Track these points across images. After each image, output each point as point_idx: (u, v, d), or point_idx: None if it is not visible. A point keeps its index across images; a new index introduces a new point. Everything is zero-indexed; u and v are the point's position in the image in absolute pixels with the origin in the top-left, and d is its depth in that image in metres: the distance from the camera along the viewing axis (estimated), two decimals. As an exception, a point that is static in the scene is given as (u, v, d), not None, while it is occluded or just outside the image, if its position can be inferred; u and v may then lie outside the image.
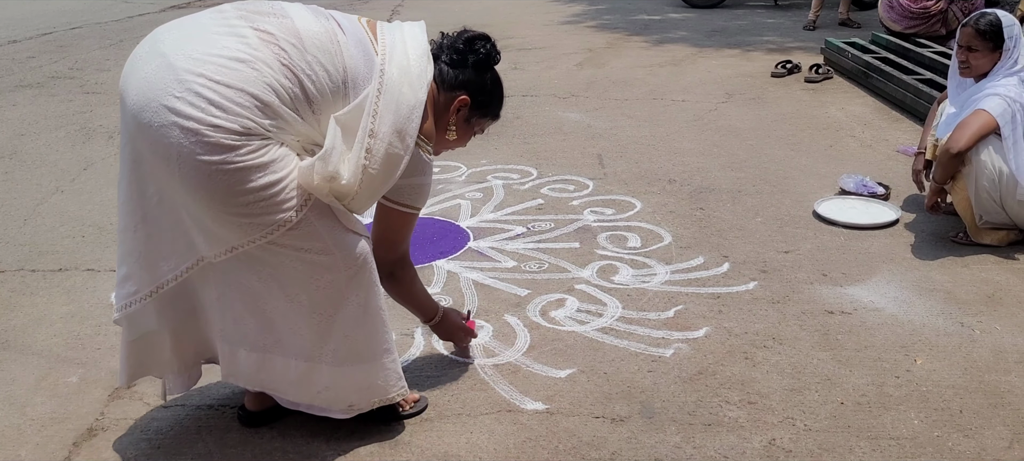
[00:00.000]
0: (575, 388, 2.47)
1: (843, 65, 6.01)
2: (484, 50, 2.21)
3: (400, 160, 2.01)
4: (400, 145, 2.00)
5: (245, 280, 2.03)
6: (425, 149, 2.12)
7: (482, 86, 2.22)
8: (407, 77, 2.02)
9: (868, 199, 3.74)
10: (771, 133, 4.79)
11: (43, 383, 2.56)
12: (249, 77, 1.85)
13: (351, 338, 2.12)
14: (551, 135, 4.86)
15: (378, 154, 1.97)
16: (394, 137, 1.98)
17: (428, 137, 2.13)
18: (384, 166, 1.99)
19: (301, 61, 1.91)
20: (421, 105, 2.03)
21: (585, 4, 9.76)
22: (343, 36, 1.99)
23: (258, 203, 1.89)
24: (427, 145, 2.13)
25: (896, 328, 2.75)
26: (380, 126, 1.97)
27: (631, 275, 3.15)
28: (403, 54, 2.05)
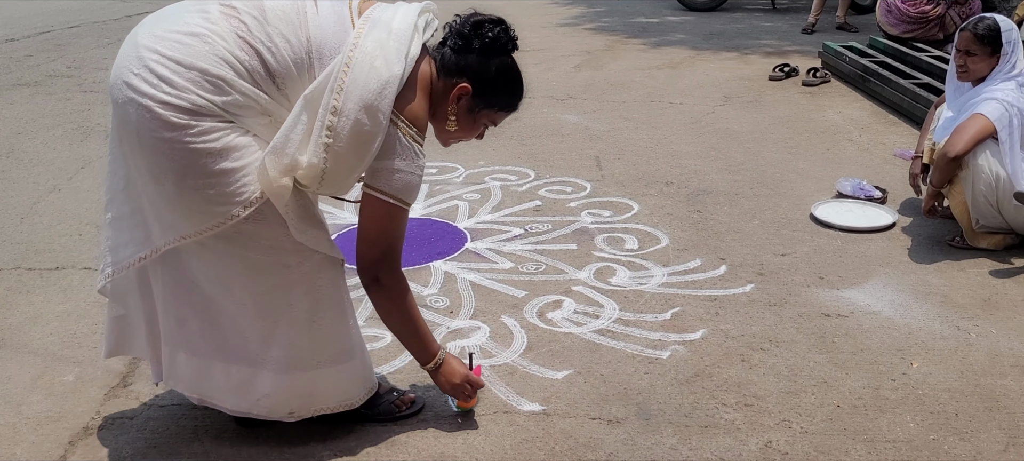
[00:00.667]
0: (572, 389, 2.47)
1: (841, 69, 6.02)
2: (492, 35, 2.04)
3: (371, 137, 1.89)
4: (369, 122, 1.88)
5: (192, 276, 2.02)
6: (407, 132, 1.96)
7: (486, 74, 2.05)
8: (383, 51, 1.91)
9: (865, 202, 3.75)
10: (768, 136, 4.79)
11: (39, 381, 2.56)
12: (200, 51, 1.84)
13: (296, 346, 2.06)
14: (549, 137, 4.86)
15: (343, 131, 1.88)
16: (362, 113, 1.87)
17: (412, 121, 1.97)
18: (352, 143, 1.89)
19: (260, 33, 1.88)
20: (396, 80, 1.90)
21: (583, 6, 9.77)
22: (313, 8, 1.94)
23: (209, 189, 1.87)
24: (409, 128, 1.96)
25: (892, 331, 2.75)
26: (346, 102, 1.87)
27: (628, 277, 3.15)
28: (385, 28, 1.94)
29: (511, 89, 2.12)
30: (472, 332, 2.78)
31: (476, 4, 2.28)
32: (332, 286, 2.09)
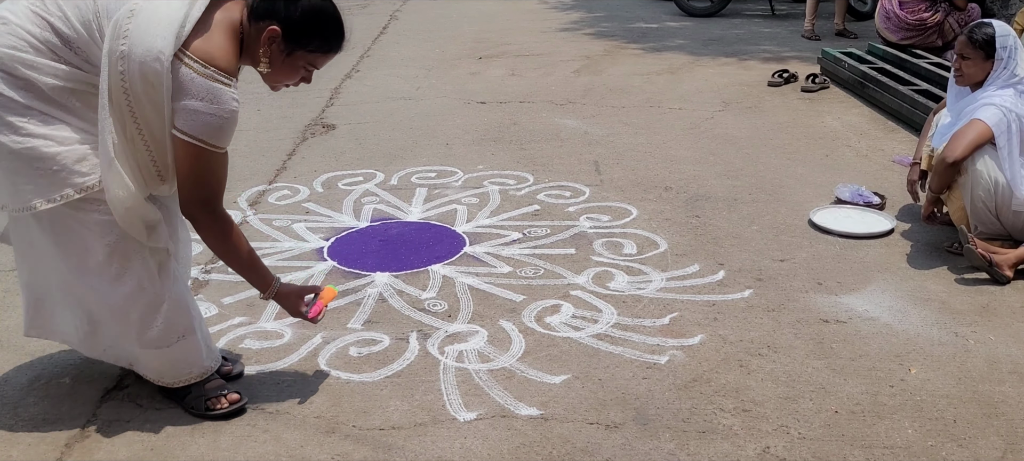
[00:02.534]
0: (570, 394, 2.46)
1: (839, 75, 6.02)
2: None
3: (157, 77, 1.99)
4: (154, 63, 1.98)
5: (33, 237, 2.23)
6: (201, 71, 2.02)
7: (292, 16, 2.10)
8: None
9: (863, 209, 3.75)
10: (767, 142, 4.80)
11: (36, 384, 2.55)
12: (2, 35, 2.02)
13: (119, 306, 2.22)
14: (548, 141, 4.86)
15: (133, 75, 1.99)
16: (146, 55, 1.98)
17: (206, 60, 2.03)
18: (143, 86, 2.00)
19: (53, 4, 2.05)
20: (177, 22, 1.99)
21: (582, 11, 9.78)
22: None
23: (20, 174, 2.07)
24: (204, 67, 2.02)
25: (891, 337, 2.75)
26: (132, 47, 1.98)
27: (626, 282, 3.15)
28: None
29: (323, 30, 2.16)
30: (470, 336, 2.78)
31: (484, 9, 2.29)
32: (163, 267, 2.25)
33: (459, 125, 5.21)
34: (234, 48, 2.10)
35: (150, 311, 2.25)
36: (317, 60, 2.21)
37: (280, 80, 2.23)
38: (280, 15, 2.10)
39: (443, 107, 5.64)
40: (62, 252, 2.20)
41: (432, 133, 5.04)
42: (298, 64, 2.20)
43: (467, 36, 8.16)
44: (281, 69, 2.19)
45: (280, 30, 2.11)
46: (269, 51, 2.13)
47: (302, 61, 2.19)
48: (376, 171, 4.39)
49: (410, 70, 6.76)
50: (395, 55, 7.36)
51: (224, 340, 2.77)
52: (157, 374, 2.36)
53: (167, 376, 2.36)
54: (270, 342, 2.76)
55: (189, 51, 2.02)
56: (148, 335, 2.27)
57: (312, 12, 2.13)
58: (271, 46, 2.13)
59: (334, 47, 2.21)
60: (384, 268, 3.28)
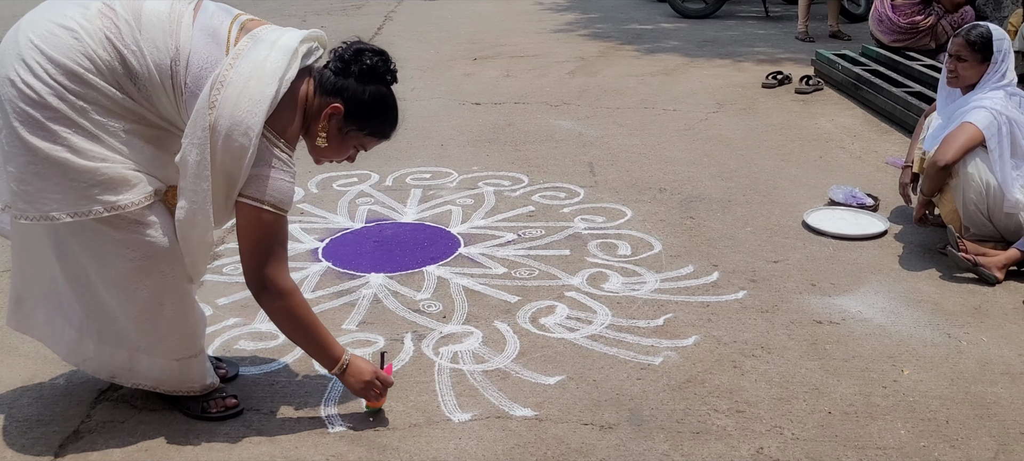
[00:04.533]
0: (564, 395, 2.47)
1: (833, 77, 6.05)
2: (369, 62, 2.16)
3: (242, 153, 2.01)
4: (241, 138, 2.00)
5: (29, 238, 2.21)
6: (276, 144, 2.07)
7: (358, 97, 2.15)
8: (259, 71, 2.02)
9: (857, 210, 3.77)
10: (761, 143, 4.81)
11: (30, 384, 2.55)
12: (67, 45, 1.98)
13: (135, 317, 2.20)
14: (542, 142, 4.87)
15: (217, 146, 2.01)
16: (234, 129, 1.99)
17: (283, 136, 2.08)
18: (225, 158, 2.02)
19: (129, 38, 2.01)
20: (267, 100, 2.01)
21: (578, 13, 9.79)
22: (190, 19, 2.07)
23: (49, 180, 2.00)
24: (277, 140, 2.07)
25: (884, 338, 2.76)
26: (218, 119, 2.00)
27: (621, 283, 3.15)
28: (265, 51, 2.06)
29: (382, 116, 2.22)
30: (465, 337, 2.78)
31: (480, 10, 2.30)
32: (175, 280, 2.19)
33: (454, 126, 5.21)
34: (300, 120, 2.14)
35: (169, 327, 2.23)
36: (368, 142, 2.26)
37: (331, 156, 2.25)
38: (346, 94, 2.14)
39: (438, 108, 5.65)
40: (65, 261, 2.17)
41: (427, 134, 5.05)
42: (350, 143, 2.23)
43: (462, 37, 8.17)
44: (335, 146, 2.21)
45: (343, 108, 2.14)
46: (328, 127, 2.16)
47: (354, 141, 2.23)
48: (371, 172, 4.39)
49: (405, 71, 6.70)
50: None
51: (219, 341, 2.77)
52: (155, 381, 2.33)
53: (165, 385, 2.34)
54: (264, 343, 2.76)
55: (274, 130, 2.07)
56: (161, 347, 2.25)
57: (378, 97, 2.18)
58: (330, 122, 2.16)
59: (387, 133, 2.27)
60: (379, 269, 3.29)
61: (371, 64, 2.15)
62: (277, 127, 2.07)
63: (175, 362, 2.29)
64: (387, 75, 2.19)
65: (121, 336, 2.25)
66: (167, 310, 2.21)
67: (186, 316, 2.25)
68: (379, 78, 2.18)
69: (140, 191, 2.08)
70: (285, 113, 2.08)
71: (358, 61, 2.15)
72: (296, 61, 2.09)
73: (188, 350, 2.29)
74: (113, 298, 2.18)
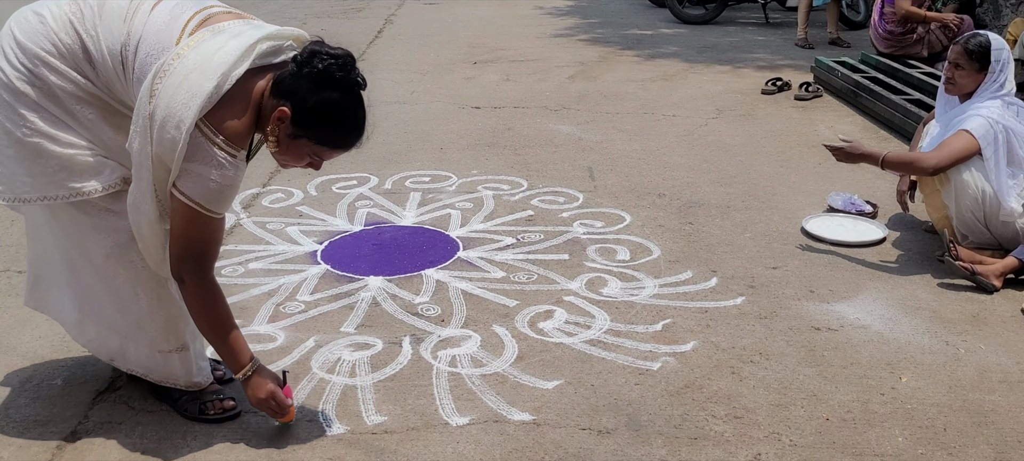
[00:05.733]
0: (562, 399, 2.47)
1: (833, 84, 6.05)
2: (322, 66, 2.01)
3: (173, 144, 1.96)
4: (173, 131, 1.95)
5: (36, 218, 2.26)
6: (214, 141, 1.99)
7: (306, 103, 2.02)
8: (203, 65, 1.97)
9: (856, 217, 3.77)
10: (761, 150, 4.82)
11: (27, 385, 2.55)
12: (35, 30, 2.06)
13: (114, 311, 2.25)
14: (542, 147, 4.87)
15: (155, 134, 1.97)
16: (168, 120, 1.95)
17: (223, 132, 1.99)
18: (160, 148, 1.98)
19: (90, 23, 2.06)
20: (203, 95, 1.94)
21: (578, 17, 9.80)
22: (148, 8, 2.08)
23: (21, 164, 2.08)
24: (215, 136, 1.99)
25: (882, 345, 2.77)
26: (156, 108, 1.96)
27: (620, 288, 3.16)
28: (220, 44, 2.00)
29: (333, 125, 2.08)
30: (463, 341, 2.78)
31: (480, 14, 2.29)
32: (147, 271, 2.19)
33: (453, 130, 5.22)
34: (251, 122, 2.06)
35: (144, 318, 2.25)
36: (323, 152, 2.13)
37: (286, 161, 2.16)
38: (295, 99, 2.02)
39: (437, 112, 5.65)
40: (59, 243, 2.24)
41: (426, 137, 5.05)
42: (302, 150, 2.11)
43: (462, 41, 8.17)
44: (287, 151, 2.11)
45: (289, 113, 2.03)
46: (277, 130, 2.06)
47: (307, 149, 2.10)
48: (370, 175, 4.39)
49: (405, 74, 6.77)
50: (390, 59, 7.36)
51: (217, 343, 2.77)
52: (145, 369, 2.35)
53: (153, 374, 2.36)
54: (263, 345, 2.76)
55: (213, 124, 1.99)
56: (141, 336, 2.28)
57: (326, 105, 2.04)
58: (279, 125, 2.05)
59: (342, 145, 2.13)
60: (377, 272, 3.29)
61: (323, 68, 2.01)
62: (218, 123, 1.99)
63: (157, 354, 2.30)
64: (343, 80, 2.04)
65: (112, 321, 2.28)
66: (142, 301, 2.22)
67: (161, 309, 2.24)
68: (334, 83, 2.03)
69: (106, 178, 2.11)
70: (232, 109, 2.00)
71: (310, 64, 2.02)
72: (247, 59, 2.00)
73: (168, 344, 2.29)
74: (96, 283, 2.23)
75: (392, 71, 6.85)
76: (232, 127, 2.01)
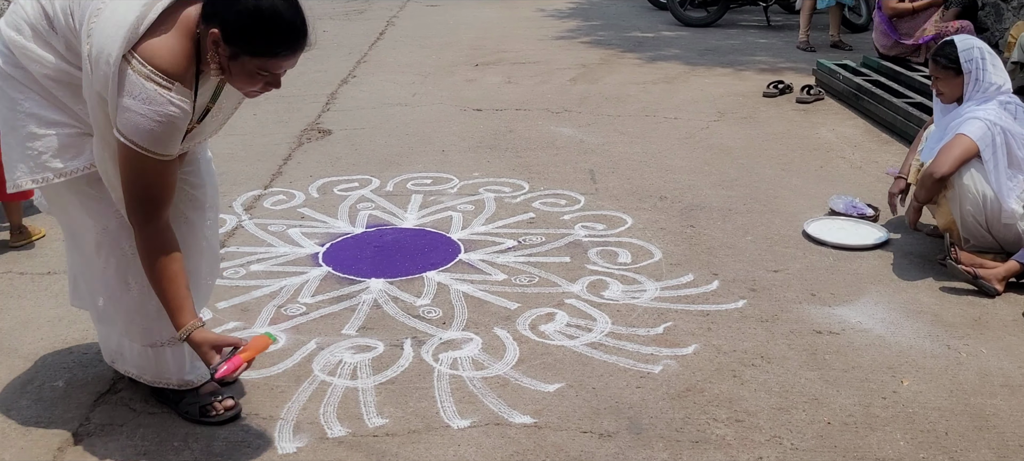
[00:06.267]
0: (564, 402, 2.47)
1: (834, 87, 6.05)
2: None
3: (105, 78, 1.96)
4: (104, 64, 1.95)
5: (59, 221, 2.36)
6: (141, 71, 1.94)
7: (229, 18, 1.94)
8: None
9: (857, 220, 3.77)
10: (762, 153, 4.81)
11: (29, 386, 2.55)
12: (9, 13, 2.14)
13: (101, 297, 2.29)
14: (543, 149, 4.87)
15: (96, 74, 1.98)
16: (99, 55, 1.95)
17: (150, 60, 1.94)
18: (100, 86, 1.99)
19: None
20: (127, 26, 1.92)
21: (579, 20, 9.80)
22: None
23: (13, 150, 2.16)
24: (144, 66, 1.94)
25: (883, 349, 2.76)
26: (92, 47, 1.97)
27: (621, 291, 3.15)
28: None
29: (263, 31, 1.95)
30: (464, 343, 2.78)
31: (481, 16, 2.28)
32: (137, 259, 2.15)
33: (455, 132, 5.22)
34: (187, 49, 1.99)
35: (135, 308, 2.26)
36: (267, 64, 2.00)
37: (241, 87, 2.06)
38: (219, 17, 1.95)
39: (439, 114, 5.65)
40: (66, 231, 2.35)
41: (428, 139, 5.05)
42: (248, 69, 2.00)
43: (464, 43, 8.18)
44: (236, 75, 2.02)
45: (219, 33, 1.95)
46: (217, 56, 1.98)
47: (252, 66, 1.99)
48: (372, 177, 4.39)
49: (406, 76, 6.77)
50: (391, 61, 7.36)
51: (218, 345, 2.76)
52: (138, 370, 2.36)
53: (147, 374, 2.36)
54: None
55: (136, 51, 1.95)
56: (132, 328, 2.30)
57: (247, 13, 1.94)
58: (217, 50, 1.97)
59: (280, 50, 1.99)
60: (379, 274, 3.29)
61: None
62: (148, 54, 1.94)
63: (149, 349, 2.31)
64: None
65: (106, 314, 2.33)
66: (133, 290, 2.25)
67: (153, 297, 2.15)
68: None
69: (89, 155, 2.14)
70: (164, 41, 1.96)
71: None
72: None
73: (161, 335, 2.29)
74: (93, 273, 2.28)
75: (394, 73, 6.86)
76: (162, 56, 1.95)
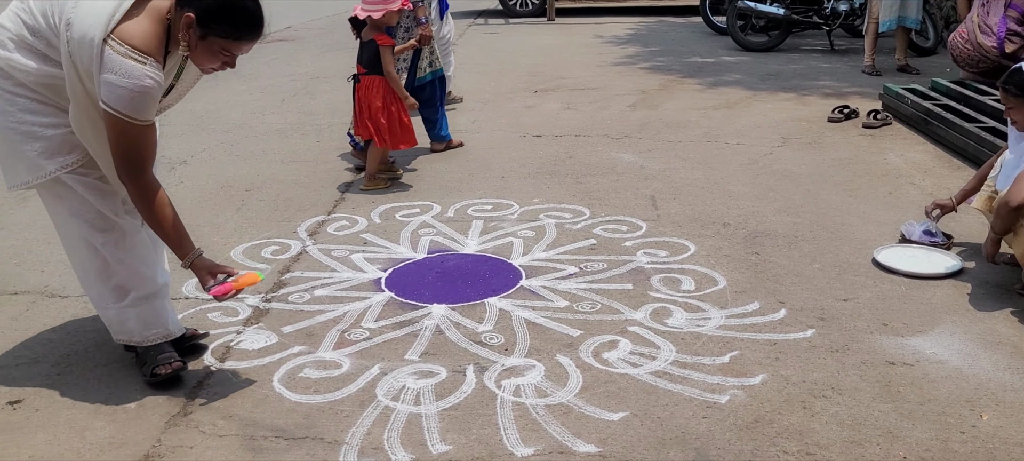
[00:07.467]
0: (628, 432, 2.43)
1: (902, 111, 5.92)
2: None
3: (90, 59, 2.33)
4: (86, 49, 2.33)
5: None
6: (119, 50, 2.31)
7: (204, 4, 2.36)
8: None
9: (929, 248, 3.66)
10: (828, 178, 4.72)
11: (103, 408, 2.61)
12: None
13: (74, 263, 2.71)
14: (604, 175, 4.85)
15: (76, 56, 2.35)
16: (81, 40, 2.33)
17: (127, 40, 2.32)
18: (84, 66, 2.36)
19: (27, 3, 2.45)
20: (106, 14, 2.32)
21: (638, 45, 9.79)
22: None
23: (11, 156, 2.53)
24: (121, 45, 2.32)
25: (960, 382, 2.67)
26: (73, 33, 2.34)
27: (685, 319, 3.11)
28: None
29: (232, 18, 2.41)
30: (527, 370, 2.77)
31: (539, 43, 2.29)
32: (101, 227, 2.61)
33: (515, 158, 5.23)
34: (157, 32, 2.39)
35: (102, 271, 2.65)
36: (230, 46, 2.44)
37: (201, 63, 2.48)
38: (194, 4, 2.37)
39: (499, 140, 5.67)
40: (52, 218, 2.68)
41: (488, 166, 5.07)
42: (214, 49, 2.44)
43: (522, 69, 8.22)
44: (200, 53, 2.44)
45: (194, 16, 2.37)
46: (187, 35, 2.40)
47: (217, 46, 2.43)
48: (433, 203, 4.42)
49: (466, 103, 6.82)
50: (451, 87, 7.43)
51: (284, 369, 2.80)
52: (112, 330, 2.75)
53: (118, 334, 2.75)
54: (329, 372, 2.78)
55: (114, 34, 2.33)
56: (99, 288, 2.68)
57: (221, 2, 2.38)
58: (189, 31, 2.39)
59: (244, 35, 2.44)
60: (441, 300, 3.30)
61: None
62: (127, 35, 2.33)
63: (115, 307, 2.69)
64: None
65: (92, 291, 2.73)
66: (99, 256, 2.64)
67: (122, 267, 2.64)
68: None
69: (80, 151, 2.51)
70: (137, 23, 2.35)
71: None
72: None
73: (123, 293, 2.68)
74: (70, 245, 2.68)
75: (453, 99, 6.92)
76: (137, 37, 2.35)
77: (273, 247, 3.86)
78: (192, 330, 2.94)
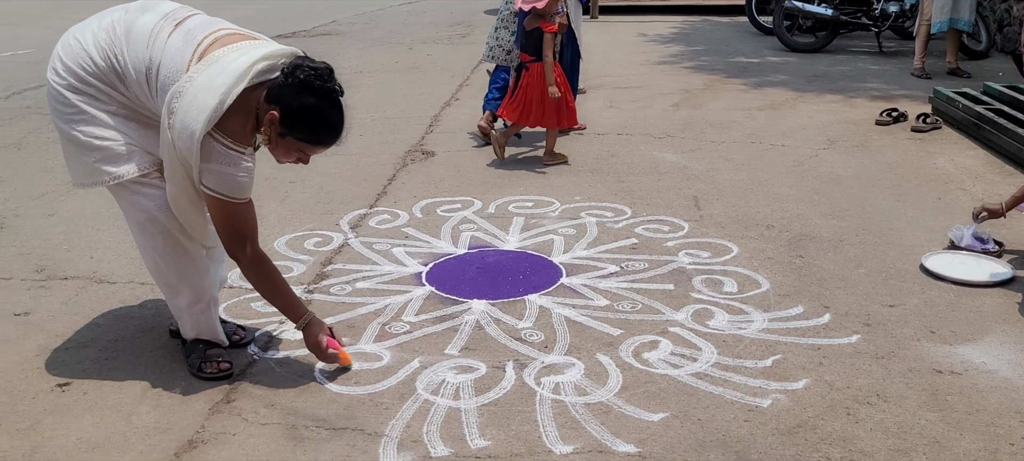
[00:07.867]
0: (668, 433, 2.42)
1: (953, 115, 5.79)
2: (302, 76, 2.45)
3: (190, 150, 2.42)
4: (188, 140, 2.41)
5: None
6: (223, 142, 2.44)
7: (290, 106, 2.46)
8: (208, 87, 2.41)
9: (979, 256, 3.58)
10: (876, 182, 4.64)
11: (149, 393, 2.66)
12: (75, 53, 2.55)
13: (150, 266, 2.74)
14: (646, 175, 4.82)
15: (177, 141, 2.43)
16: (184, 131, 2.41)
17: (228, 135, 2.45)
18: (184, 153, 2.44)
19: (119, 49, 2.52)
20: (208, 110, 2.38)
21: (682, 45, 9.71)
22: (165, 37, 2.51)
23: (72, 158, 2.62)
24: (224, 139, 2.44)
25: (1011, 392, 2.61)
26: (175, 122, 2.42)
27: (727, 321, 3.08)
28: (217, 72, 2.43)
29: (312, 126, 2.52)
30: (566, 368, 2.76)
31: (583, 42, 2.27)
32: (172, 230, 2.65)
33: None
34: (250, 124, 2.51)
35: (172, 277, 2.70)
36: (306, 148, 2.57)
37: (278, 156, 2.60)
38: (282, 104, 2.46)
39: (540, 137, 5.67)
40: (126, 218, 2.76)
41: (529, 163, 5.07)
42: (291, 147, 2.55)
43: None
44: (278, 147, 2.56)
45: (278, 116, 2.46)
46: (269, 131, 2.50)
47: (295, 146, 2.55)
48: (474, 198, 4.43)
49: (508, 100, 6.82)
50: (494, 85, 7.43)
51: (325, 359, 2.83)
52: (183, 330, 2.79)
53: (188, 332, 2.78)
54: (369, 364, 2.80)
55: (219, 130, 2.44)
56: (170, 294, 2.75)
57: (307, 109, 2.47)
58: (271, 127, 2.49)
59: (321, 142, 2.56)
60: (481, 296, 3.30)
61: (304, 78, 2.45)
62: (225, 129, 2.44)
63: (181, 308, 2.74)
64: (320, 88, 2.47)
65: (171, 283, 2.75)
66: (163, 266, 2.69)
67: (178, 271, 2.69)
68: (313, 90, 2.46)
69: (136, 164, 2.58)
70: (235, 118, 2.45)
71: (294, 75, 2.46)
72: (245, 79, 2.43)
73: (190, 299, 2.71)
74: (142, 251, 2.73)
75: (496, 96, 6.92)
76: (235, 132, 2.47)
77: (316, 239, 3.90)
78: (239, 333, 2.97)
